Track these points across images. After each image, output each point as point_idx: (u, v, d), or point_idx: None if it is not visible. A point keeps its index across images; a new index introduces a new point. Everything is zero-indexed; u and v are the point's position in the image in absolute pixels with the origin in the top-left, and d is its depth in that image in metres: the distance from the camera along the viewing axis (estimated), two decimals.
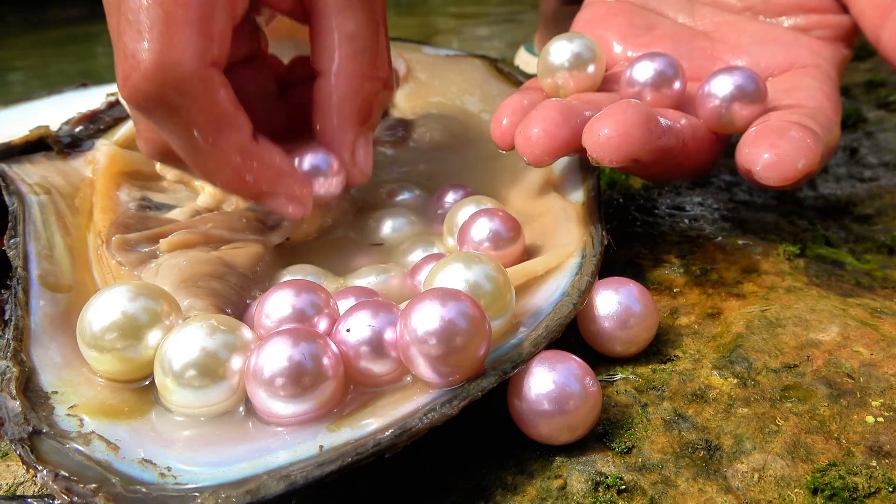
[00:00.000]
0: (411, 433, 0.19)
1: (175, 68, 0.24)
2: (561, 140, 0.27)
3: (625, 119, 0.25)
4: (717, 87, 0.28)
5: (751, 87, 0.28)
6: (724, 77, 0.28)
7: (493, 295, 0.23)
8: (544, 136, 0.27)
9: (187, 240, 0.28)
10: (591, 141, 0.25)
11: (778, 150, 0.24)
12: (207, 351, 0.21)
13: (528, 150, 0.27)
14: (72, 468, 0.19)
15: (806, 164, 0.24)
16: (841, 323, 0.26)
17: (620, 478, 0.20)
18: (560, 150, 0.27)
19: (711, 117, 0.29)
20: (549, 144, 0.27)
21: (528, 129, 0.27)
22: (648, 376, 0.24)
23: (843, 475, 0.20)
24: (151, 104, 0.24)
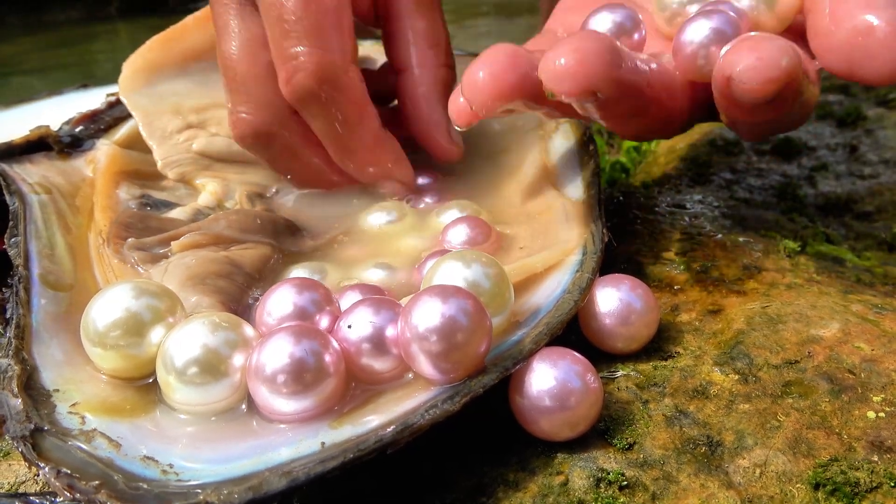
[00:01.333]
0: (413, 430, 0.19)
1: (331, 67, 0.28)
2: (508, 84, 0.25)
3: (583, 46, 0.23)
4: (692, 33, 0.26)
5: (729, 31, 0.25)
6: (701, 21, 0.26)
7: (492, 292, 0.23)
8: (490, 80, 0.25)
9: (198, 241, 0.28)
10: (547, 71, 0.23)
11: (759, 53, 0.22)
12: (209, 348, 0.21)
13: (475, 94, 0.26)
14: (74, 465, 0.19)
15: (789, 63, 0.22)
16: (842, 319, 0.26)
17: (622, 474, 0.20)
18: (507, 95, 0.26)
19: (688, 65, 0.26)
20: (495, 88, 0.25)
21: (475, 73, 0.26)
22: (650, 373, 0.24)
23: (845, 470, 0.20)
24: (311, 98, 0.29)
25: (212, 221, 0.29)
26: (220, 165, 0.33)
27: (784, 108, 0.24)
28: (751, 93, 0.22)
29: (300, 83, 0.28)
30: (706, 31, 0.25)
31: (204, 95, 0.35)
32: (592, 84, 0.23)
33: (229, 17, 0.31)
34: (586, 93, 0.23)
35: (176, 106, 0.34)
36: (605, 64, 0.23)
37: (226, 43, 0.31)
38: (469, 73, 0.26)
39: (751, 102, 0.23)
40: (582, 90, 0.23)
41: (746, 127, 0.28)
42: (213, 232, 0.29)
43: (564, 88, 0.23)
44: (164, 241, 0.29)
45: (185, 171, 0.33)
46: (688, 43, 0.26)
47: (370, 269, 0.29)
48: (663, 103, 0.27)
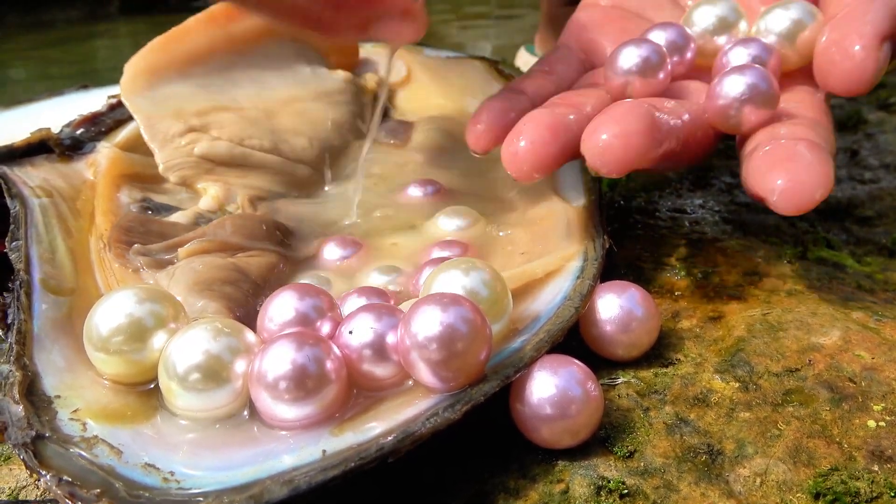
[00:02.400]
0: (414, 438, 0.20)
1: None
2: (550, 155, 0.26)
3: (626, 127, 0.24)
4: (728, 87, 0.27)
5: (763, 87, 0.26)
6: (736, 76, 0.27)
7: (490, 300, 0.23)
8: (531, 150, 0.26)
9: (205, 247, 0.28)
10: (591, 149, 0.24)
11: (792, 177, 0.23)
12: (211, 354, 0.21)
13: (516, 166, 0.27)
14: (75, 473, 0.19)
15: (822, 194, 0.23)
16: (842, 327, 0.26)
17: (623, 482, 0.20)
18: (549, 166, 0.26)
19: (719, 116, 0.27)
20: (536, 160, 0.26)
21: (515, 144, 0.26)
22: (650, 380, 0.24)
23: (845, 480, 0.20)
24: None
25: (217, 226, 0.29)
26: (222, 169, 0.33)
27: None
28: (786, 213, 0.23)
29: None
30: (741, 87, 0.26)
31: (206, 99, 0.35)
32: (635, 164, 0.24)
33: None
34: (629, 170, 0.24)
35: (178, 109, 0.34)
36: (648, 144, 0.24)
37: None
38: (509, 143, 0.27)
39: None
40: (625, 170, 0.24)
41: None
42: (220, 239, 0.29)
43: (609, 169, 0.24)
44: (171, 247, 0.29)
45: (186, 175, 0.33)
46: (722, 96, 0.27)
47: (373, 273, 0.29)
48: (692, 150, 0.27)
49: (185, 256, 0.28)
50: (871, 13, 0.26)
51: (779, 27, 0.29)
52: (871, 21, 0.25)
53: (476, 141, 0.30)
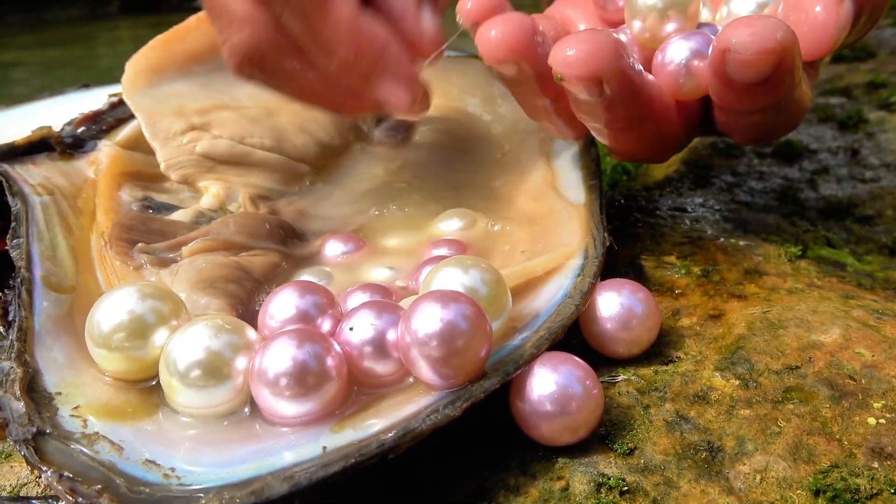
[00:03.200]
0: (414, 434, 0.20)
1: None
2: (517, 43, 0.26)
3: (593, 37, 0.24)
4: (671, 53, 0.27)
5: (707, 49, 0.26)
6: (680, 42, 0.27)
7: (489, 298, 0.23)
8: (501, 38, 0.26)
9: (209, 245, 0.28)
10: (557, 57, 0.25)
11: (754, 27, 0.23)
12: (212, 351, 0.22)
13: (486, 48, 0.26)
14: (76, 469, 0.19)
15: (784, 36, 0.23)
16: (842, 324, 0.26)
17: (623, 479, 0.20)
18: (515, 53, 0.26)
19: (671, 83, 0.27)
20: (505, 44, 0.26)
21: (487, 30, 0.26)
22: (650, 377, 0.24)
23: (845, 477, 0.20)
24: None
25: (221, 225, 0.29)
26: (224, 168, 0.33)
27: (779, 93, 0.25)
28: (747, 65, 0.23)
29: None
30: (685, 51, 0.26)
31: (207, 97, 0.35)
32: (600, 70, 0.24)
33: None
34: (593, 79, 0.24)
35: (179, 107, 0.34)
36: (612, 54, 0.24)
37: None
38: (482, 30, 0.27)
39: (747, 79, 0.24)
40: (590, 74, 0.24)
41: (741, 124, 0.28)
42: (223, 237, 0.29)
43: (574, 72, 0.24)
44: (174, 246, 0.29)
45: (188, 173, 0.33)
46: (668, 63, 0.27)
47: (374, 270, 0.29)
48: (659, 114, 0.27)
49: (189, 255, 0.28)
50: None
51: (745, 9, 0.28)
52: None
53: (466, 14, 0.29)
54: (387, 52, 0.28)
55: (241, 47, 0.28)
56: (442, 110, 0.41)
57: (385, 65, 0.28)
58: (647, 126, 0.27)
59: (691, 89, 0.27)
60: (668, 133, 0.29)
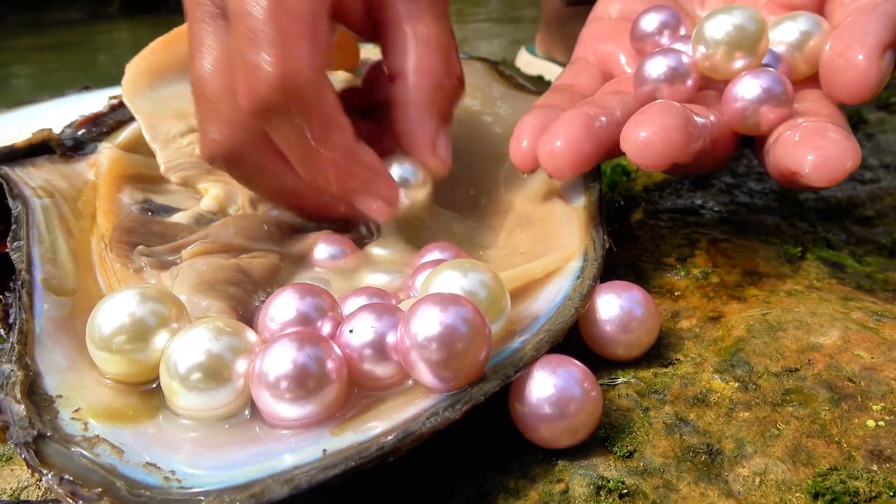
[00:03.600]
0: (414, 437, 0.20)
1: (295, 77, 0.26)
2: (584, 153, 0.28)
3: (665, 123, 0.25)
4: (743, 90, 0.28)
5: (778, 90, 0.27)
6: (751, 79, 0.28)
7: (488, 301, 0.23)
8: (567, 149, 0.28)
9: (209, 248, 0.28)
10: (631, 144, 0.26)
11: (823, 152, 0.24)
12: (212, 354, 0.22)
13: (552, 163, 0.28)
14: (76, 472, 0.19)
15: (853, 165, 0.24)
16: (842, 326, 0.26)
17: (622, 482, 0.20)
18: (584, 163, 0.28)
19: (736, 118, 0.28)
20: (572, 157, 0.28)
21: (552, 143, 0.28)
22: (650, 380, 0.24)
23: (844, 479, 0.20)
24: (273, 110, 0.26)
25: (221, 227, 0.29)
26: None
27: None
28: (819, 185, 0.25)
29: (260, 94, 0.26)
30: (757, 89, 0.28)
31: None
32: (675, 158, 0.25)
33: (204, 33, 0.29)
34: (669, 164, 0.25)
35: (179, 110, 0.34)
36: (686, 140, 0.25)
37: (199, 61, 0.28)
38: (546, 142, 0.28)
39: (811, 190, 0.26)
40: (665, 164, 0.25)
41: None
42: (223, 241, 0.29)
43: (649, 163, 0.25)
44: (174, 248, 0.29)
45: (187, 175, 0.33)
46: (739, 99, 0.28)
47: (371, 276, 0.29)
48: (717, 154, 0.29)
49: (189, 257, 0.28)
50: (872, 23, 0.26)
51: (788, 38, 0.29)
52: (873, 31, 0.26)
53: (523, 160, 0.30)
54: (376, 177, 0.29)
55: (221, 146, 0.29)
56: None
57: (370, 188, 0.29)
58: (703, 165, 0.29)
59: (753, 127, 0.28)
60: (719, 164, 0.30)
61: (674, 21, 0.32)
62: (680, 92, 0.29)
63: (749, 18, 0.29)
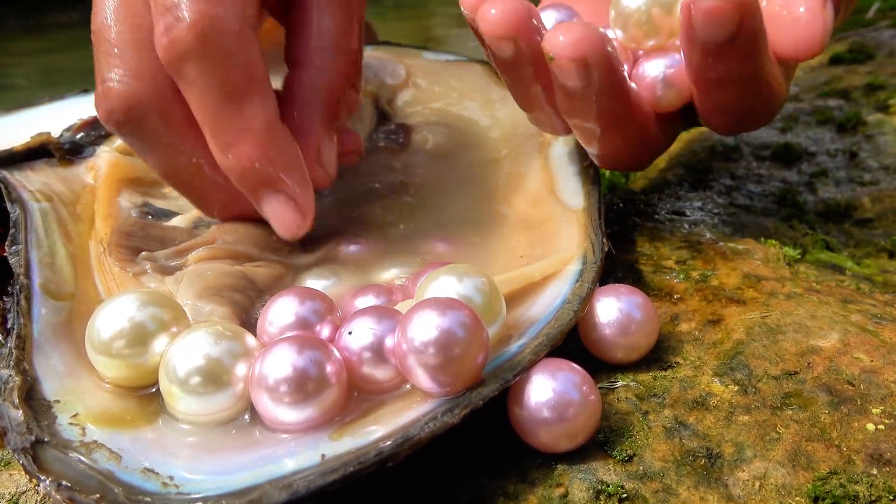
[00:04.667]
0: (413, 442, 0.20)
1: (219, 23, 0.23)
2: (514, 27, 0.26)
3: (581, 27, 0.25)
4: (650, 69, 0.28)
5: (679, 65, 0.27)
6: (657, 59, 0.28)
7: (484, 306, 0.23)
8: (501, 17, 0.25)
9: (214, 254, 0.28)
10: (549, 41, 0.25)
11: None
12: (212, 358, 0.22)
13: (485, 25, 0.26)
14: (74, 478, 0.19)
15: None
16: (841, 329, 0.26)
17: (622, 486, 0.20)
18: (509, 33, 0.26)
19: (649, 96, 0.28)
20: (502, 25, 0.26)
21: (488, 8, 0.26)
22: (649, 383, 0.24)
23: (844, 483, 0.20)
24: (189, 57, 0.23)
25: (226, 233, 0.29)
26: None
27: (747, 61, 0.25)
28: (710, 16, 0.23)
29: (178, 36, 0.23)
30: (661, 67, 0.28)
31: None
32: (588, 53, 0.24)
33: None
34: (581, 61, 0.24)
35: None
36: (601, 41, 0.25)
37: (100, 9, 0.25)
38: (483, 8, 0.26)
39: (712, 35, 0.24)
40: (579, 55, 0.24)
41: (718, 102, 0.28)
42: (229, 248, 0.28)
43: (564, 52, 0.24)
44: (178, 253, 0.28)
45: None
46: (645, 77, 0.28)
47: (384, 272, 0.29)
48: (640, 116, 0.28)
49: (195, 262, 0.28)
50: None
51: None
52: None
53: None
54: (293, 171, 0.26)
55: (121, 98, 0.25)
56: (441, 114, 0.41)
57: (286, 183, 0.26)
58: (629, 126, 0.28)
59: (669, 101, 0.28)
60: (650, 139, 0.29)
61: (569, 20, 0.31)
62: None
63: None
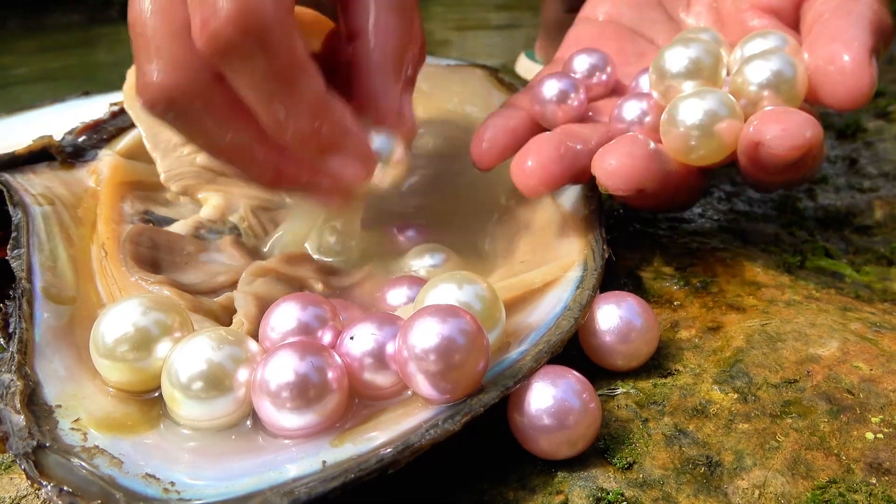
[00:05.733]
0: (413, 449, 0.20)
1: (258, 13, 0.23)
2: (555, 174, 0.28)
3: (633, 151, 0.27)
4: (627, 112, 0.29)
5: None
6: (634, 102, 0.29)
7: (483, 314, 0.23)
8: (539, 169, 0.28)
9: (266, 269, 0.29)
10: (601, 170, 0.27)
11: (785, 125, 0.25)
12: (214, 363, 0.22)
13: (524, 181, 0.28)
14: (76, 483, 0.19)
15: (813, 134, 0.25)
16: (840, 338, 0.26)
17: (622, 494, 0.20)
18: (554, 183, 0.28)
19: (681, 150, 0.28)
20: (543, 177, 0.28)
21: (523, 160, 0.28)
22: (649, 391, 0.25)
23: (843, 492, 0.20)
24: (233, 50, 0.23)
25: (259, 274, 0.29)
26: (224, 179, 0.33)
27: (804, 169, 0.27)
28: (779, 158, 0.25)
29: (217, 30, 0.23)
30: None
31: None
32: (642, 183, 0.27)
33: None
34: (636, 190, 0.27)
35: None
36: (649, 166, 0.27)
37: (136, 1, 0.25)
38: (518, 160, 0.29)
39: (776, 167, 0.26)
40: (633, 188, 0.26)
41: (767, 188, 0.31)
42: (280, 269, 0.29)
43: (618, 186, 0.26)
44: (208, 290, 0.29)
45: (188, 185, 0.33)
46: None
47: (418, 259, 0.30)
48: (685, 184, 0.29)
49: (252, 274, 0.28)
50: (852, 28, 0.27)
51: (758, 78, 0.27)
52: (857, 36, 0.27)
53: (480, 158, 0.31)
54: (349, 135, 0.26)
55: (164, 89, 0.25)
56: (442, 118, 0.41)
57: (343, 146, 0.26)
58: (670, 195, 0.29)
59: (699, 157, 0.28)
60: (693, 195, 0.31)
61: (602, 64, 0.33)
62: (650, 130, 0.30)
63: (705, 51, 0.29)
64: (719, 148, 0.27)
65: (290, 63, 0.24)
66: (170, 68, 0.25)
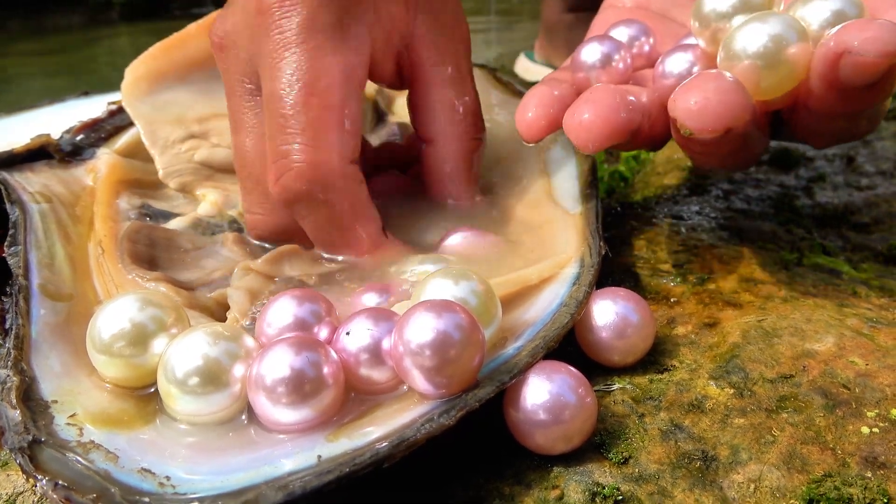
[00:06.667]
0: (409, 444, 0.20)
1: (324, 168, 0.26)
2: (617, 125, 0.26)
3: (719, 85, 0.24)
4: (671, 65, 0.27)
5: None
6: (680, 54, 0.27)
7: (479, 310, 0.23)
8: (598, 120, 0.26)
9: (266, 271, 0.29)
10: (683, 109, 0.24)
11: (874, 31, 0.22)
12: (210, 358, 0.22)
13: (581, 135, 0.26)
14: (71, 478, 0.19)
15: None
16: (837, 333, 0.26)
17: (617, 488, 0.20)
18: (613, 136, 0.26)
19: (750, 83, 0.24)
20: (603, 129, 0.26)
21: (580, 114, 0.26)
22: (645, 386, 0.25)
23: (839, 486, 0.20)
24: (300, 200, 0.27)
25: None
26: (222, 175, 0.33)
27: (881, 97, 0.24)
28: (865, 68, 0.22)
29: (288, 184, 0.26)
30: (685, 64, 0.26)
31: (206, 105, 0.35)
32: (733, 120, 0.23)
33: (243, 110, 0.29)
34: (725, 129, 0.23)
35: (178, 115, 0.35)
36: (743, 100, 0.23)
37: (240, 138, 0.29)
38: (572, 114, 0.27)
39: (859, 82, 0.23)
40: (723, 127, 0.23)
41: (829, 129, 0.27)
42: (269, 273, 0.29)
43: (706, 126, 0.23)
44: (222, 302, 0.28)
45: (186, 181, 0.33)
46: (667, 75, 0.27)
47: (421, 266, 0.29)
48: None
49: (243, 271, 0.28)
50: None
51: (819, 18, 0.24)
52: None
53: (528, 129, 0.30)
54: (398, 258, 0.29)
55: (265, 224, 0.30)
56: None
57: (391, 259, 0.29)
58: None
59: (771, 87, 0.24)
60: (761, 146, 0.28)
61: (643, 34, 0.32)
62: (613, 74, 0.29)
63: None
64: (790, 75, 0.24)
65: (349, 208, 0.28)
66: (268, 208, 0.29)
